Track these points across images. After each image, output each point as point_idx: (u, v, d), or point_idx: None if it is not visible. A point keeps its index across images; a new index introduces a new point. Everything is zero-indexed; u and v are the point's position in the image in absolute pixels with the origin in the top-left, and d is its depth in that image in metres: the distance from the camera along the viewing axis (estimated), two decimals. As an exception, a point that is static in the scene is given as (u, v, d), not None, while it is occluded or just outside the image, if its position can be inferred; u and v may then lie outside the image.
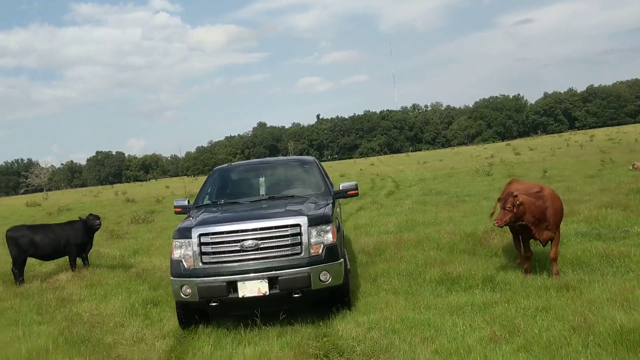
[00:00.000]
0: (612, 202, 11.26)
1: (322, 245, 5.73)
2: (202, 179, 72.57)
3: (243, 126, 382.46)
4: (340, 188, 7.27)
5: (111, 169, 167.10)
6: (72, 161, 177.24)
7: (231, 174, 8.13)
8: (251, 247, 5.64)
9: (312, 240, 5.71)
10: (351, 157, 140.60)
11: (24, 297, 8.73)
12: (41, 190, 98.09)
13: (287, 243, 5.69)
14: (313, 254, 5.68)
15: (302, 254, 5.66)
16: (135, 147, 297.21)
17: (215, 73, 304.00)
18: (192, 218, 6.45)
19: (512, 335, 4.86)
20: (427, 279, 7.07)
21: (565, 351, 4.37)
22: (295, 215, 5.84)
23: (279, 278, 5.55)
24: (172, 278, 5.87)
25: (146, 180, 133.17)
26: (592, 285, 5.97)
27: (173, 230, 6.38)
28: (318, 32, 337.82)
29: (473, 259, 7.92)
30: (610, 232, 8.77)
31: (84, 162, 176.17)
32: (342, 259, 5.89)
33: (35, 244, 9.97)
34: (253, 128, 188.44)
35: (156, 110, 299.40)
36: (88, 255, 10.67)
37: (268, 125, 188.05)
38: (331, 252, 5.75)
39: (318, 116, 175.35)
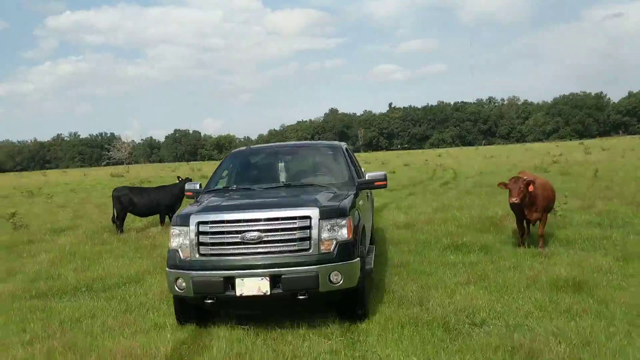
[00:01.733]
0: (633, 201, 12.36)
1: (334, 242, 5.08)
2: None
3: (315, 111, 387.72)
4: (367, 178, 6.55)
5: (187, 147, 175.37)
6: (151, 137, 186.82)
7: (249, 157, 7.47)
8: (253, 239, 5.03)
9: (324, 236, 5.07)
10: (421, 148, 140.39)
11: (125, 242, 11.20)
12: (121, 164, 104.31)
13: (295, 237, 5.05)
14: (323, 251, 5.04)
15: (311, 251, 5.02)
16: (211, 127, 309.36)
17: (291, 57, 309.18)
18: (198, 204, 5.91)
19: (481, 280, 6.61)
20: (438, 246, 8.83)
21: (511, 290, 6.10)
22: (305, 206, 5.20)
23: (283, 276, 4.93)
24: (167, 269, 5.36)
25: (219, 160, 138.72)
26: (561, 255, 7.57)
27: None
28: (396, 20, 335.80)
29: (482, 234, 9.58)
30: (612, 222, 10.09)
31: (162, 139, 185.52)
32: (357, 259, 5.23)
33: (134, 203, 12.52)
34: (324, 114, 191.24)
35: (232, 92, 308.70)
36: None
37: (340, 112, 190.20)
38: (345, 250, 5.10)
39: (390, 105, 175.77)
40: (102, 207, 18.53)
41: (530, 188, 7.95)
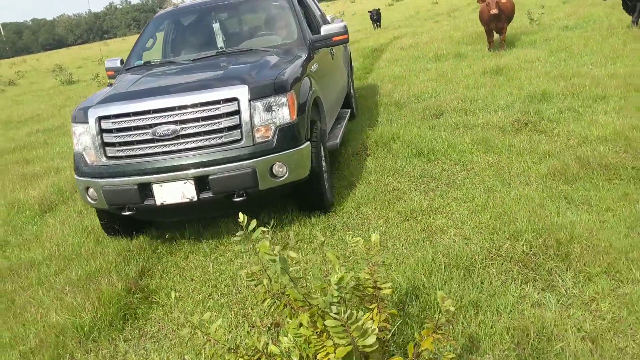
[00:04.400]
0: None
1: (273, 127, 4.05)
2: (322, 6, 74.08)
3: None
4: (322, 34, 5.30)
5: None
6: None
7: (178, 20, 6.12)
8: (167, 135, 4.00)
9: (258, 121, 4.02)
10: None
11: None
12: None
13: (220, 127, 4.00)
14: (260, 140, 4.03)
15: (244, 142, 4.00)
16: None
17: None
18: (108, 89, 4.77)
19: (440, 77, 9.09)
20: (424, 59, 11.20)
21: (456, 80, 8.59)
22: (230, 85, 4.07)
23: (211, 177, 3.96)
24: (75, 177, 4.39)
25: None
26: (512, 53, 9.85)
27: None
28: None
29: (463, 46, 11.78)
30: (581, 24, 11.93)
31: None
32: (307, 143, 4.21)
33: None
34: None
35: None
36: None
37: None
38: (288, 135, 4.09)
39: None
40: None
41: (503, 1, 10.01)
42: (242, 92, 3.97)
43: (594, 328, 2.63)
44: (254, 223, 2.17)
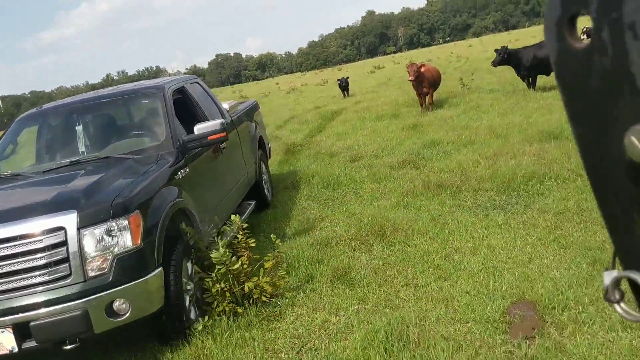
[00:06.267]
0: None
1: (110, 257, 3.42)
2: (310, 75, 79.09)
3: (352, 16, 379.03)
4: (196, 133, 4.73)
5: (231, 70, 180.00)
6: (195, 65, 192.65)
7: (42, 123, 5.48)
8: None
9: (89, 251, 3.39)
10: (464, 38, 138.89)
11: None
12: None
13: (43, 263, 3.33)
14: (93, 275, 3.39)
15: (72, 278, 3.35)
16: (252, 47, 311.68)
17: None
18: None
19: (373, 133, 11.24)
20: (368, 118, 13.44)
21: (384, 132, 10.73)
22: (54, 212, 3.41)
23: (32, 324, 3.28)
24: None
25: (262, 79, 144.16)
26: (435, 112, 12.09)
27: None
28: None
29: (403, 107, 14.09)
30: (503, 88, 14.27)
31: (206, 66, 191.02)
32: (157, 270, 3.61)
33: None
34: (362, 17, 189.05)
35: (268, 6, 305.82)
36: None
37: (377, 13, 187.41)
38: (130, 265, 3.49)
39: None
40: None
41: (422, 70, 12.30)
42: (69, 219, 3.37)
43: (381, 265, 4.57)
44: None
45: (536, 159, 6.59)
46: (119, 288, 3.42)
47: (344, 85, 22.71)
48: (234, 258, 4.15)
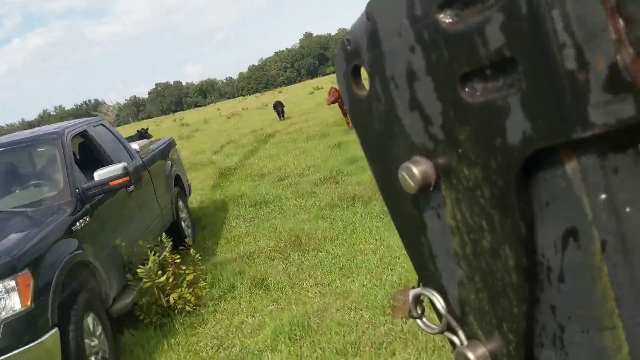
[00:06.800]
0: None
1: None
2: (251, 99, 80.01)
3: (290, 39, 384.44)
4: (96, 179, 4.46)
5: (172, 98, 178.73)
6: (134, 96, 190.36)
7: None
8: None
9: None
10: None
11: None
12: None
13: None
14: None
15: None
16: (192, 74, 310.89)
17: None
18: None
19: (302, 153, 11.86)
20: (299, 139, 14.09)
21: (312, 152, 11.37)
22: None
23: None
24: None
25: (204, 105, 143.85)
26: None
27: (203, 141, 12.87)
28: None
29: (332, 127, 14.83)
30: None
31: (146, 95, 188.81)
32: (52, 331, 3.33)
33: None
34: (299, 40, 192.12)
35: (206, 33, 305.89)
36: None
37: (314, 35, 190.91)
38: (18, 329, 3.22)
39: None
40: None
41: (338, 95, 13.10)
42: None
43: (295, 271, 5.11)
44: None
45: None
46: (8, 355, 3.14)
47: (279, 109, 23.40)
48: (159, 272, 4.61)
